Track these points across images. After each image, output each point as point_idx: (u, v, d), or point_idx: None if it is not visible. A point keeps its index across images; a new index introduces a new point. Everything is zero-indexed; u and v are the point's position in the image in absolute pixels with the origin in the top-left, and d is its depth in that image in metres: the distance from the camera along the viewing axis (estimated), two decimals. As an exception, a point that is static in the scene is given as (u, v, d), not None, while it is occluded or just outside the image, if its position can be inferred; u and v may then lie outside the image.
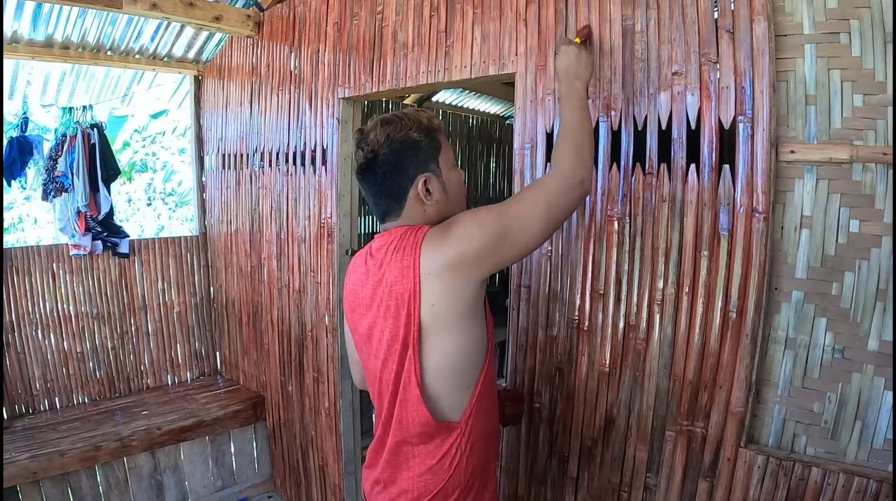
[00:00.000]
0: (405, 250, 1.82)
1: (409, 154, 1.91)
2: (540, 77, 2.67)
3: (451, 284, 1.79)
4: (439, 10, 3.10)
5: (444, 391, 1.88)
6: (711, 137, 2.17)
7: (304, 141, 4.07)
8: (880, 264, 1.92)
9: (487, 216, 1.83)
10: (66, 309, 4.81)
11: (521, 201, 1.89)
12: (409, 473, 1.94)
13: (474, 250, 1.78)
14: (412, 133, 1.91)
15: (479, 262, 1.79)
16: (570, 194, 1.90)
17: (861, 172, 1.93)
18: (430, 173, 1.93)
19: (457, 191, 2.03)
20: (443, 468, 1.90)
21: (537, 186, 1.94)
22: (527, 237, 1.85)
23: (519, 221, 1.83)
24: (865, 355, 1.96)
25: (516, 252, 1.87)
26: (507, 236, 1.81)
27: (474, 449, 1.94)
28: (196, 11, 4.03)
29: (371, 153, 1.91)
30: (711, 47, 2.17)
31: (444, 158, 1.98)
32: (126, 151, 11.69)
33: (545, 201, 1.86)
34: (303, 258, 4.16)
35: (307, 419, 4.32)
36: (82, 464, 4.01)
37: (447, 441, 1.90)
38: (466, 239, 1.78)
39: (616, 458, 2.50)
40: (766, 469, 2.10)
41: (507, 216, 1.83)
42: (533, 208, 1.85)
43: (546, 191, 1.89)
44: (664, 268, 2.31)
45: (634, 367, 2.42)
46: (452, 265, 1.77)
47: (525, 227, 1.83)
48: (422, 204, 1.94)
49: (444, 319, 1.81)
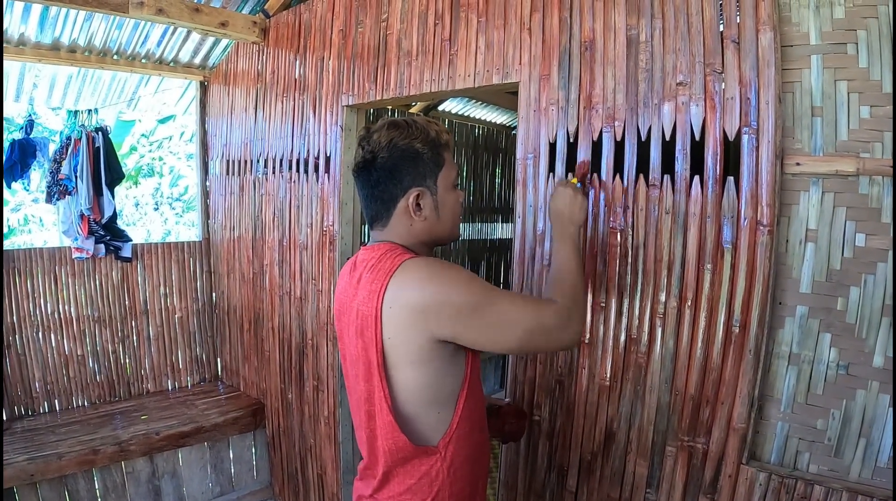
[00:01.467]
0: (377, 273, 1.76)
1: (407, 164, 1.85)
2: (543, 86, 2.65)
3: (407, 326, 1.71)
4: (444, 19, 3.09)
5: (416, 414, 1.81)
6: (716, 148, 2.15)
7: (308, 148, 4.07)
8: (886, 278, 1.90)
9: (478, 286, 1.75)
10: (67, 312, 4.81)
11: (514, 301, 1.79)
12: (390, 492, 1.87)
13: (440, 307, 1.69)
14: (416, 143, 1.84)
15: (439, 321, 1.70)
16: (560, 333, 1.82)
17: (868, 185, 1.91)
18: (425, 188, 1.87)
19: (450, 213, 1.95)
20: (422, 488, 1.84)
21: (536, 302, 1.85)
22: (497, 335, 1.75)
23: (501, 315, 1.74)
24: (870, 371, 1.93)
25: (478, 340, 1.76)
26: (480, 317, 1.71)
27: (458, 474, 1.87)
28: (202, 17, 4.03)
29: (370, 154, 1.86)
30: (716, 58, 2.15)
31: (445, 176, 1.91)
32: (133, 156, 11.71)
33: (535, 321, 1.78)
34: (304, 266, 4.15)
35: (306, 428, 4.30)
36: (80, 467, 3.99)
37: (425, 462, 1.83)
38: (440, 292, 1.70)
39: (616, 473, 2.48)
40: (768, 487, 2.07)
41: (493, 301, 1.74)
42: (521, 316, 1.76)
43: (540, 313, 1.80)
44: (666, 281, 2.29)
45: (635, 381, 2.39)
46: (413, 309, 1.69)
47: (502, 325, 1.74)
48: (410, 218, 1.88)
49: (402, 355, 1.75)
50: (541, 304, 1.83)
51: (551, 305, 1.83)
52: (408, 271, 1.72)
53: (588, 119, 2.50)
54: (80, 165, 4.70)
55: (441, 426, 1.83)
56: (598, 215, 2.48)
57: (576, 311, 1.86)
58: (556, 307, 1.82)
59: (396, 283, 1.70)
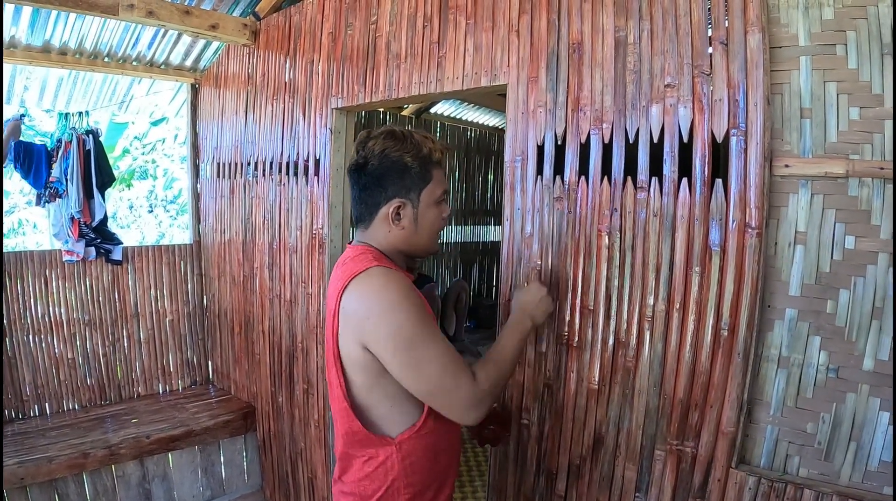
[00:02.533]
0: (345, 272, 1.87)
1: (394, 175, 1.94)
2: (532, 89, 2.64)
3: (349, 328, 1.82)
4: (432, 21, 3.08)
5: (368, 405, 1.91)
6: (704, 150, 2.14)
7: (298, 151, 4.05)
8: (876, 281, 1.89)
9: (415, 323, 1.79)
10: (57, 315, 4.78)
11: (440, 359, 1.81)
12: (351, 477, 1.99)
13: (372, 328, 1.78)
14: (406, 157, 1.94)
15: (365, 338, 1.80)
16: (463, 410, 1.85)
17: (857, 187, 1.91)
18: (407, 201, 1.96)
19: (429, 227, 2.02)
20: (378, 476, 1.93)
21: (460, 374, 1.84)
22: (406, 377, 1.81)
23: (420, 360, 1.79)
24: (860, 374, 1.93)
25: (393, 372, 1.82)
26: (402, 353, 1.78)
27: (416, 468, 1.95)
28: (192, 19, 4.02)
29: (363, 159, 1.97)
30: (705, 59, 2.14)
31: (430, 191, 1.99)
32: (126, 158, 11.70)
33: (447, 387, 1.82)
34: (294, 269, 4.14)
35: (297, 431, 4.29)
36: (70, 471, 3.97)
37: (381, 453, 1.92)
38: (378, 313, 1.78)
39: (605, 477, 2.47)
40: (758, 491, 2.06)
41: (422, 346, 1.79)
42: (438, 374, 1.81)
43: (457, 385, 1.83)
44: (655, 284, 2.28)
45: (624, 384, 2.39)
46: (352, 318, 1.81)
47: (416, 371, 1.80)
48: (388, 225, 1.98)
49: (348, 352, 1.86)
50: (461, 375, 1.84)
51: (470, 382, 1.85)
52: (366, 278, 1.81)
53: (576, 121, 2.49)
54: (71, 168, 4.68)
55: (401, 420, 1.92)
56: (586, 217, 2.47)
57: (488, 398, 1.89)
58: (472, 386, 1.85)
59: (353, 286, 1.81)
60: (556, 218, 2.57)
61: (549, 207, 2.59)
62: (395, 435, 1.92)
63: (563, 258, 2.55)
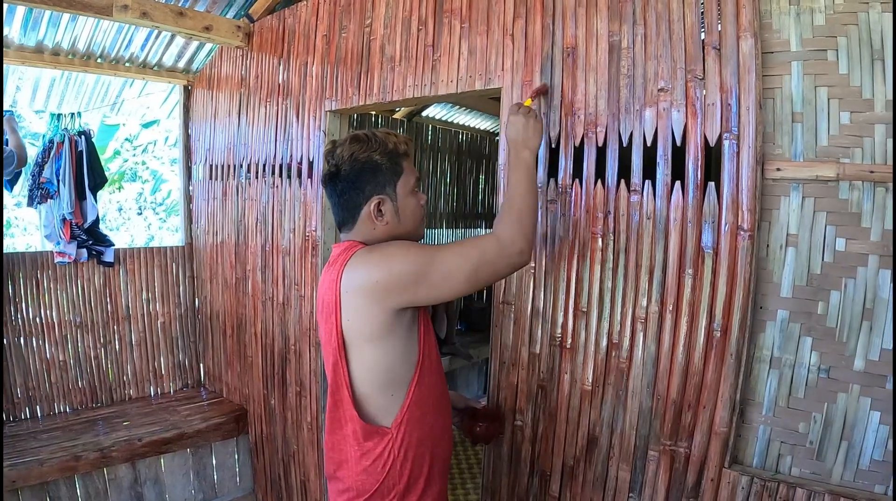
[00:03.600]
0: (337, 263, 1.97)
1: (367, 175, 2.02)
2: (526, 92, 2.65)
3: (362, 304, 1.90)
4: (427, 24, 3.09)
5: (369, 395, 1.98)
6: (697, 153, 2.16)
7: (291, 153, 4.05)
8: (867, 282, 1.92)
9: (414, 253, 1.92)
10: (49, 317, 4.76)
11: (453, 251, 1.95)
12: (349, 471, 2.03)
13: (388, 280, 1.87)
14: (375, 155, 2.02)
15: (391, 292, 1.87)
16: (505, 260, 1.97)
17: (848, 190, 1.93)
18: (386, 196, 2.03)
19: (410, 216, 2.10)
20: (376, 469, 1.98)
21: (474, 242, 2.00)
22: (446, 286, 1.92)
23: (443, 268, 1.90)
24: (851, 374, 1.95)
25: (433, 295, 1.94)
26: (426, 277, 1.88)
27: (409, 455, 2.00)
28: (186, 21, 4.02)
29: (335, 167, 2.06)
30: (698, 64, 2.16)
31: (404, 183, 2.06)
32: (116, 160, 11.65)
33: (477, 259, 1.93)
34: (287, 271, 4.13)
35: (289, 434, 4.28)
36: (62, 474, 3.95)
37: (379, 445, 1.98)
38: (385, 268, 1.88)
39: (599, 478, 2.48)
40: (751, 490, 2.08)
41: (433, 259, 1.90)
42: (462, 261, 1.92)
43: (480, 250, 1.95)
44: (648, 286, 2.29)
45: (617, 385, 2.40)
46: (365, 288, 1.88)
47: (447, 276, 1.91)
48: (372, 223, 2.04)
49: (359, 334, 1.93)
50: (479, 241, 1.99)
51: (490, 238, 1.99)
52: (357, 257, 1.92)
53: (570, 125, 2.51)
54: (63, 169, 4.66)
55: (393, 408, 1.99)
56: (580, 220, 2.48)
57: (518, 232, 2.00)
58: (494, 239, 1.98)
59: (349, 270, 1.91)
60: (549, 221, 2.58)
61: (543, 209, 2.60)
62: (390, 424, 1.98)
63: (556, 261, 2.56)
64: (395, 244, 1.95)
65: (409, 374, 1.99)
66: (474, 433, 2.57)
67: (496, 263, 1.95)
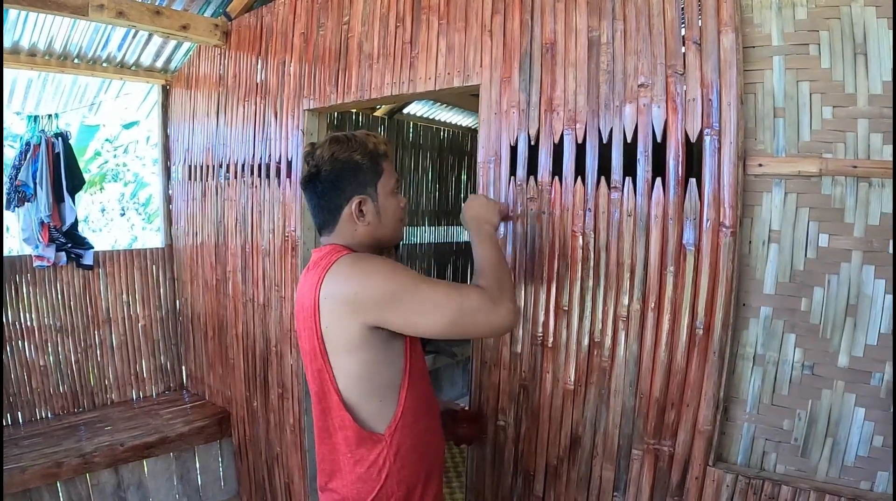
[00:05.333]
0: (317, 269, 1.95)
1: (348, 175, 2.02)
2: (504, 89, 2.64)
3: (338, 314, 1.88)
4: (405, 21, 3.07)
5: (357, 402, 1.96)
6: (677, 150, 2.15)
7: (270, 153, 4.02)
8: (850, 278, 1.91)
9: (399, 275, 1.89)
10: (28, 321, 4.70)
11: (438, 287, 1.91)
12: (342, 480, 2.01)
13: (364, 295, 1.85)
14: (355, 155, 2.02)
15: (365, 308, 1.85)
16: (489, 313, 1.91)
17: (830, 186, 1.93)
18: (367, 196, 2.04)
19: (391, 217, 2.11)
20: (371, 476, 1.96)
21: (461, 286, 1.96)
22: (421, 320, 1.88)
23: (422, 300, 1.86)
24: (835, 371, 1.95)
25: (406, 325, 1.89)
26: (402, 303, 1.85)
27: (405, 461, 1.99)
28: (163, 20, 3.98)
29: (315, 168, 2.05)
30: (678, 59, 2.15)
31: (384, 183, 2.07)
32: (97, 160, 11.57)
33: (457, 305, 1.88)
34: (267, 272, 4.11)
35: (272, 436, 4.26)
36: (44, 480, 3.91)
37: (373, 451, 1.96)
38: (364, 282, 1.86)
39: (583, 477, 2.47)
40: (735, 488, 2.07)
41: (415, 288, 1.87)
42: (444, 299, 1.88)
43: (465, 297, 1.90)
44: (629, 284, 2.28)
45: (600, 385, 2.39)
46: (341, 298, 1.87)
47: (424, 310, 1.86)
48: (354, 223, 2.04)
49: (336, 343, 1.91)
50: (464, 287, 1.95)
51: (475, 288, 1.95)
52: (340, 265, 1.90)
53: (549, 122, 2.50)
54: (40, 172, 4.61)
55: (386, 415, 1.97)
56: (560, 218, 2.47)
57: (502, 293, 1.95)
58: (480, 290, 1.93)
59: (330, 277, 1.89)
60: (529, 219, 2.57)
61: (523, 207, 2.59)
62: (383, 431, 1.96)
63: (537, 259, 2.54)
64: (381, 261, 1.93)
65: (395, 380, 1.97)
66: (457, 435, 2.58)
67: (479, 314, 1.89)
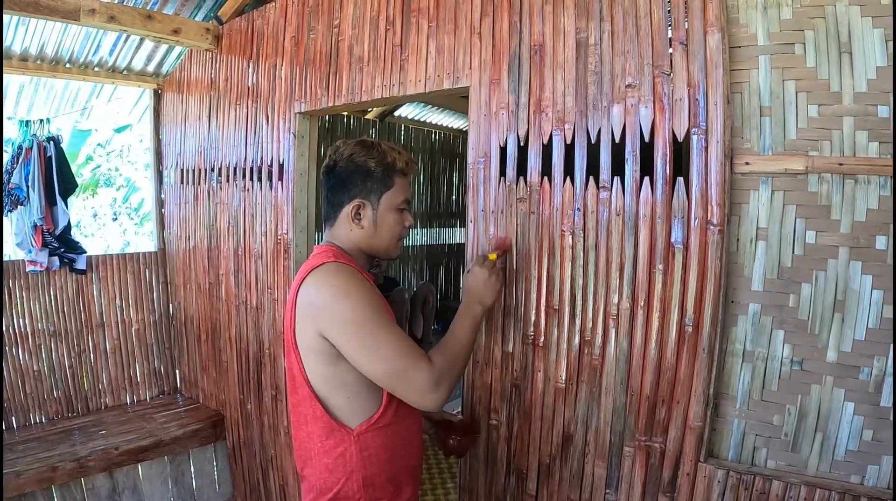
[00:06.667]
0: (306, 267, 2.00)
1: (358, 177, 2.08)
2: (494, 91, 2.65)
3: (305, 317, 1.95)
4: (395, 24, 3.08)
5: (329, 394, 2.00)
6: (665, 149, 2.16)
7: (261, 156, 4.02)
8: (837, 274, 1.93)
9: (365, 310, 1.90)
10: (22, 326, 4.68)
11: (393, 343, 1.90)
12: (313, 469, 2.07)
13: (323, 311, 1.90)
14: (371, 162, 2.08)
15: (322, 323, 1.90)
16: (421, 395, 1.91)
17: (817, 183, 1.94)
18: (367, 202, 2.09)
19: (388, 231, 2.14)
20: (338, 468, 2.01)
21: (415, 357, 1.91)
22: (363, 359, 1.89)
23: (373, 345, 1.88)
24: (824, 366, 1.96)
25: (348, 353, 1.90)
26: (353, 335, 1.88)
27: (373, 460, 2.03)
28: (154, 24, 3.98)
29: (332, 162, 2.13)
30: (665, 59, 2.17)
31: (391, 197, 2.12)
32: (89, 165, 11.54)
33: (401, 369, 1.88)
34: (260, 275, 4.11)
35: (266, 438, 4.25)
36: (39, 485, 3.90)
37: (341, 444, 2.00)
38: (330, 299, 1.90)
39: (575, 475, 2.48)
40: (727, 484, 2.09)
41: (374, 330, 1.89)
42: (392, 357, 1.88)
43: (412, 367, 1.89)
44: (619, 283, 2.30)
45: (591, 383, 2.40)
46: (309, 304, 1.93)
47: (370, 356, 1.88)
48: (350, 224, 2.11)
49: (303, 341, 1.98)
50: (417, 357, 1.91)
51: (426, 363, 1.92)
52: (322, 271, 1.95)
53: (538, 123, 2.51)
54: (32, 175, 4.60)
55: (357, 412, 2.01)
56: (550, 218, 2.49)
57: (445, 380, 1.94)
58: (429, 367, 1.91)
59: (310, 279, 1.95)
60: (519, 219, 2.58)
61: (513, 208, 2.60)
62: (353, 427, 2.00)
63: (527, 259, 2.56)
64: (358, 287, 1.93)
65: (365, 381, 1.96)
66: (447, 446, 2.58)
67: (412, 387, 1.89)
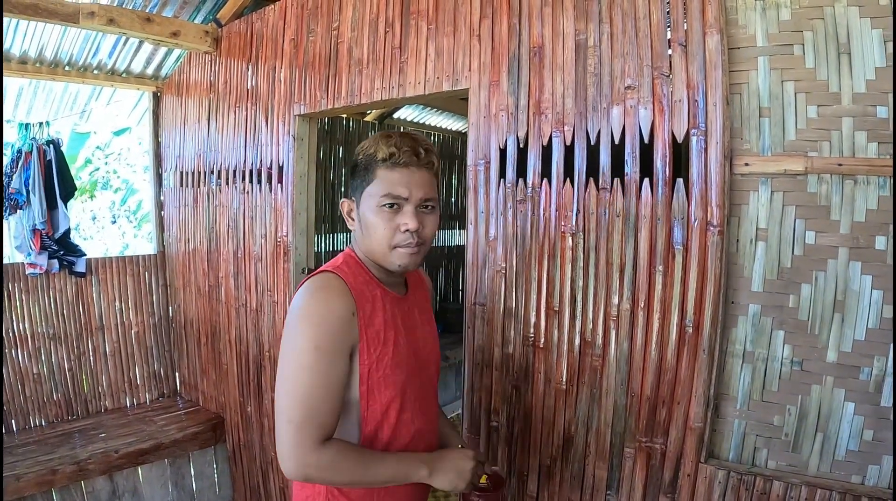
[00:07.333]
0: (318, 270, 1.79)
1: (351, 173, 1.82)
2: (493, 93, 2.66)
3: None
4: (394, 27, 3.09)
5: None
6: (664, 150, 2.17)
7: (261, 159, 4.03)
8: (837, 275, 1.93)
9: (311, 342, 1.63)
10: (21, 329, 4.68)
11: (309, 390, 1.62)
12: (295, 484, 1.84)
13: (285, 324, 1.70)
14: (359, 155, 1.79)
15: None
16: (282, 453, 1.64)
17: (816, 184, 1.95)
18: (352, 201, 1.82)
19: (371, 234, 1.76)
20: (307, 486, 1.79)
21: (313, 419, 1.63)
22: (279, 388, 1.66)
23: (292, 379, 1.63)
24: (824, 366, 1.97)
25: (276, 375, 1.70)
26: (283, 363, 1.66)
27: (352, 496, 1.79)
28: (153, 27, 3.98)
29: None
30: (664, 61, 2.17)
31: (370, 194, 1.75)
32: (88, 168, 11.52)
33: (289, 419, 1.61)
34: (259, 277, 4.11)
35: (266, 441, 4.25)
36: (38, 488, 3.89)
37: (307, 486, 1.80)
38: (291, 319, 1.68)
39: (576, 476, 2.48)
40: (727, 484, 2.09)
41: (299, 369, 1.62)
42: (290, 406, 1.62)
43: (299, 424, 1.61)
44: (619, 284, 2.30)
45: (591, 384, 2.40)
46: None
47: (285, 387, 1.65)
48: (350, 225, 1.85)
49: None
50: (312, 425, 1.64)
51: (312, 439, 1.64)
52: (308, 283, 1.72)
53: (538, 124, 2.51)
54: (32, 179, 4.60)
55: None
56: (550, 219, 2.49)
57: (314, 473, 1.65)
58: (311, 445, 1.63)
59: (300, 287, 1.72)
60: (519, 220, 2.58)
61: (513, 209, 2.60)
62: None
63: (527, 261, 2.56)
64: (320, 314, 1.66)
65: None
66: None
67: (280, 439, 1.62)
